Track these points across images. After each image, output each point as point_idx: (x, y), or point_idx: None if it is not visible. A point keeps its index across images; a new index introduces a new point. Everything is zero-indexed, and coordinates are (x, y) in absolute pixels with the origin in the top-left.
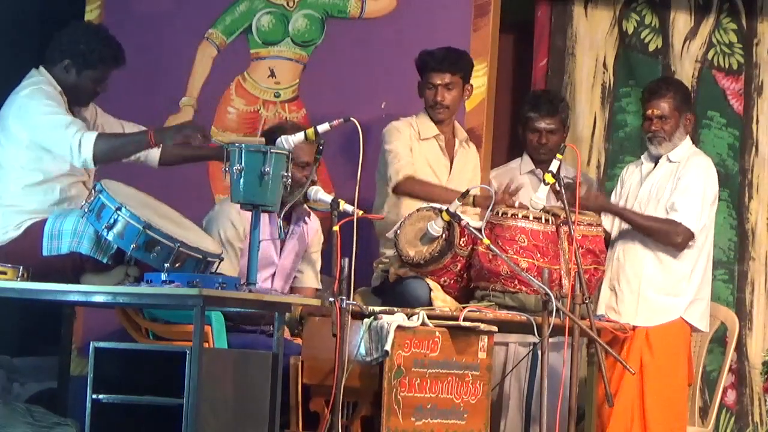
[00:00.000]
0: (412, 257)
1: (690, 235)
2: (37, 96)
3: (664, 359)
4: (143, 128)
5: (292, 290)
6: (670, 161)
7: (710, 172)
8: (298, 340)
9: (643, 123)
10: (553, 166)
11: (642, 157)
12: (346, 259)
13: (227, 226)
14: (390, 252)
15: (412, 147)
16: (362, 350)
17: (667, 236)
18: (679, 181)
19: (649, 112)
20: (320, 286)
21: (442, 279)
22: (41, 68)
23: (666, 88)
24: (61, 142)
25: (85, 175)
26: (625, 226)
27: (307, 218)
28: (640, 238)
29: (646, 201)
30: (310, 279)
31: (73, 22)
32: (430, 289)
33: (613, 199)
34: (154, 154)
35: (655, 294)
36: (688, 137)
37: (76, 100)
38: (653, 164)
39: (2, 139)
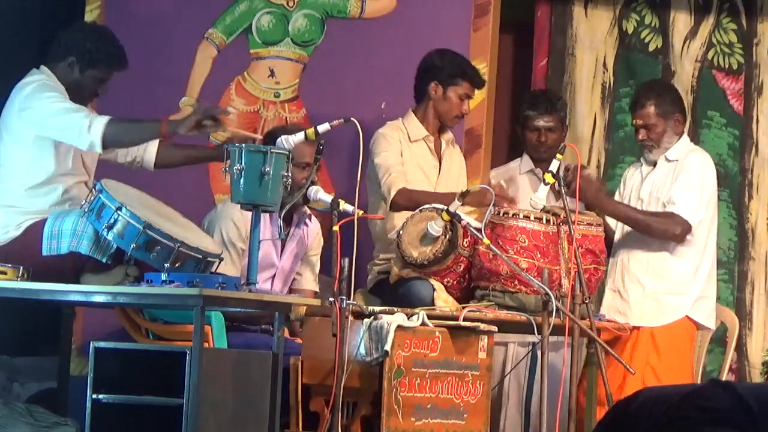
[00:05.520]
0: (415, 258)
1: (688, 227)
2: (41, 90)
3: (671, 358)
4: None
5: (291, 292)
6: (669, 160)
7: (708, 167)
8: (299, 340)
9: (635, 133)
10: (553, 166)
11: (641, 158)
12: (346, 259)
13: (229, 226)
14: (386, 255)
15: (402, 151)
16: (362, 350)
17: (665, 229)
18: (677, 177)
19: (634, 122)
20: (318, 289)
21: (446, 280)
22: (42, 67)
23: (645, 96)
24: (69, 124)
25: (86, 175)
26: (627, 228)
27: (308, 220)
28: (642, 239)
29: (648, 201)
30: (309, 281)
31: (78, 21)
32: (434, 290)
33: (616, 199)
34: (149, 158)
35: (662, 294)
36: (684, 136)
37: (76, 100)
38: (652, 166)
39: (5, 138)
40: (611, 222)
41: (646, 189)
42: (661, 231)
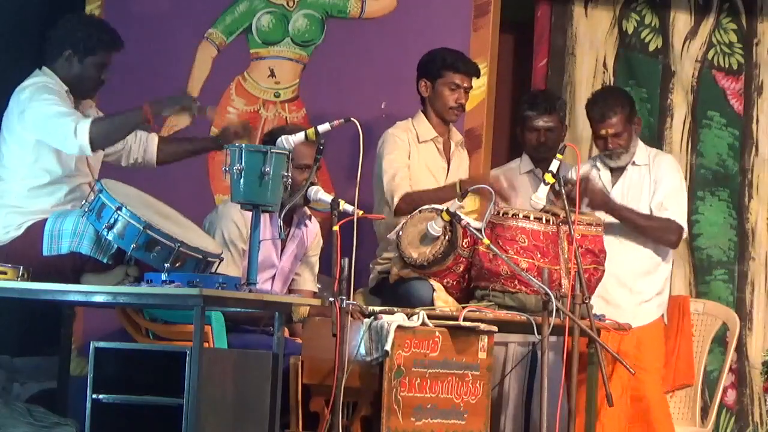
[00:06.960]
0: (415, 259)
1: (682, 233)
2: (39, 92)
3: (652, 355)
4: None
5: (290, 293)
6: (636, 164)
7: (680, 169)
8: (299, 340)
9: (597, 142)
10: (554, 166)
11: (596, 163)
12: (346, 259)
13: (230, 226)
14: (388, 254)
15: (411, 152)
16: (362, 350)
17: (664, 235)
18: (659, 182)
19: (603, 132)
20: (317, 290)
21: (445, 280)
22: (44, 68)
23: (613, 104)
24: (57, 130)
25: (90, 176)
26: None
27: (307, 221)
28: (625, 243)
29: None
30: (308, 282)
31: (65, 15)
32: (434, 290)
33: None
34: (150, 157)
35: (649, 295)
36: (637, 138)
37: (83, 91)
38: (609, 171)
39: (8, 139)
40: None
41: (617, 195)
42: (659, 236)
